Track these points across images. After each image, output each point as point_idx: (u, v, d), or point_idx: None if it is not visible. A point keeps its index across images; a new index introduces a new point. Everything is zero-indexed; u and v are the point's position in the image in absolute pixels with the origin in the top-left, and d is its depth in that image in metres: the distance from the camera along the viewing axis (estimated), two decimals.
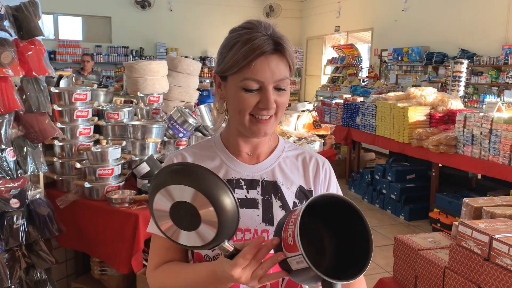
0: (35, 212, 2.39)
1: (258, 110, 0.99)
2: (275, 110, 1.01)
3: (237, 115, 1.02)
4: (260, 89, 0.99)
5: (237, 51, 0.98)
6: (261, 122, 1.00)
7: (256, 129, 1.01)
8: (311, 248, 0.82)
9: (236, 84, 1.00)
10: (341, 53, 11.58)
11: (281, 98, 1.01)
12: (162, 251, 1.07)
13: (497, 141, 4.03)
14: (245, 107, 0.99)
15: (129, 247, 2.42)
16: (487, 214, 1.85)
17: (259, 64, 0.97)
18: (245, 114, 1.00)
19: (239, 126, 1.04)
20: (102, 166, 2.57)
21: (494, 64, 7.05)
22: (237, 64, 0.98)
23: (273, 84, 0.99)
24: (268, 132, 1.03)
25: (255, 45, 0.96)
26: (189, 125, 3.04)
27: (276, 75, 0.98)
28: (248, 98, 0.99)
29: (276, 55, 0.99)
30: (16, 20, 2.19)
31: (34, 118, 2.33)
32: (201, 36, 12.23)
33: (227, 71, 1.01)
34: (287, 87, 1.02)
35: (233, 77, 1.00)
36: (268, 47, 0.97)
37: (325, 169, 1.15)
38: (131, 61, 3.49)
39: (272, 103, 0.98)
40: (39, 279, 2.43)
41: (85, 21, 11.45)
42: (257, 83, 0.98)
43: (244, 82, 0.98)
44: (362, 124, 6.09)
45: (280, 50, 0.99)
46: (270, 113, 1.00)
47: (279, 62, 0.99)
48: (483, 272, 1.59)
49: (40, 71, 2.30)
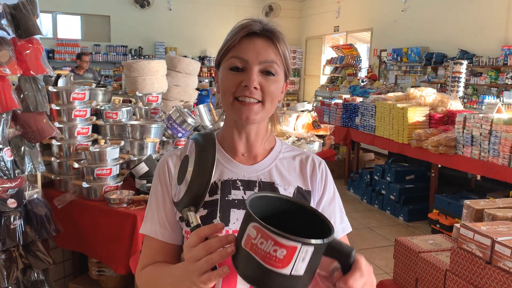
0: (33, 212, 2.37)
1: (241, 90, 0.98)
2: (260, 95, 0.99)
3: (222, 99, 1.02)
4: (245, 69, 0.98)
5: (227, 36, 1.02)
6: (244, 105, 0.98)
7: (239, 113, 0.99)
8: None
9: (225, 66, 1.01)
10: (340, 53, 11.57)
11: (268, 83, 0.99)
12: (152, 253, 1.06)
13: (497, 142, 4.02)
14: (228, 88, 0.99)
15: (127, 248, 2.41)
16: (489, 217, 1.83)
17: (245, 43, 0.98)
18: (228, 96, 0.99)
19: (226, 112, 1.04)
20: (100, 166, 2.55)
21: (493, 65, 7.05)
22: (226, 45, 1.00)
23: (259, 65, 0.98)
24: (251, 118, 0.99)
25: (244, 25, 1.00)
26: (188, 125, 3.03)
27: (262, 56, 0.98)
28: (232, 77, 0.99)
29: (266, 40, 1.00)
30: (13, 19, 2.17)
31: (32, 118, 2.31)
32: (200, 36, 12.21)
33: (218, 56, 1.04)
34: (277, 74, 1.00)
35: (224, 61, 1.02)
36: (256, 27, 0.99)
37: (321, 169, 1.13)
38: (130, 61, 3.47)
39: (253, 82, 0.96)
40: (36, 279, 2.41)
41: (84, 20, 11.42)
42: (241, 62, 0.98)
43: (230, 61, 0.99)
44: (361, 124, 6.08)
45: (270, 36, 1.00)
46: (253, 95, 0.98)
47: (268, 46, 1.00)
48: (484, 275, 1.58)
49: (38, 70, 2.28)
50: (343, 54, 11.37)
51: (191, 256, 0.80)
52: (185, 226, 1.05)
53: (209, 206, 1.04)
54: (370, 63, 10.61)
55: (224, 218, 1.02)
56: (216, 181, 1.06)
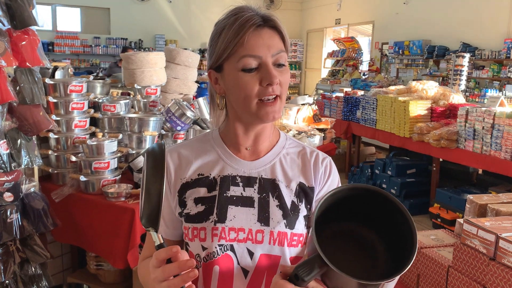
0: (30, 206, 2.34)
1: (263, 90, 0.94)
2: (279, 89, 0.95)
3: (242, 103, 0.96)
4: (260, 67, 0.94)
5: (227, 33, 0.94)
6: (268, 105, 0.95)
7: (264, 113, 0.95)
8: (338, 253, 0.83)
9: (233, 67, 0.95)
10: (342, 46, 11.50)
11: (282, 76, 0.96)
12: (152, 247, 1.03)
13: (499, 136, 3.99)
14: (248, 91, 0.94)
15: (125, 242, 2.38)
16: (492, 212, 1.80)
17: (252, 38, 0.93)
18: (251, 100, 0.94)
19: (245, 115, 0.98)
20: (98, 160, 2.52)
21: (495, 58, 7.00)
22: (230, 45, 0.94)
23: (272, 59, 0.95)
24: (277, 116, 0.97)
25: (244, 20, 0.94)
26: (187, 118, 2.99)
27: (273, 48, 0.94)
28: (249, 79, 0.94)
29: (268, 28, 0.96)
30: (9, 9, 2.13)
31: (28, 110, 2.28)
32: (200, 28, 12.13)
33: (220, 57, 0.97)
34: (286, 63, 0.98)
35: (229, 62, 0.96)
36: (257, 19, 0.94)
37: (325, 165, 1.09)
38: (128, 53, 3.42)
39: (275, 77, 0.93)
40: (34, 274, 2.38)
41: (83, 12, 11.34)
42: (255, 60, 0.93)
43: (242, 61, 0.93)
44: (362, 118, 6.04)
45: (270, 23, 0.96)
46: (275, 91, 0.94)
47: (272, 35, 0.96)
48: (488, 272, 1.55)
49: (34, 61, 2.25)
50: (345, 47, 11.30)
51: (154, 277, 0.82)
52: (185, 222, 1.02)
53: (207, 202, 1.01)
54: (372, 56, 10.55)
55: (221, 214, 0.99)
56: (216, 176, 1.03)
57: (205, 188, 1.02)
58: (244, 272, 0.99)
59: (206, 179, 1.03)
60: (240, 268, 0.99)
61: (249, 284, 1.00)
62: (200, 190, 1.02)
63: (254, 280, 1.00)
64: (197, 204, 1.01)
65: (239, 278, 0.99)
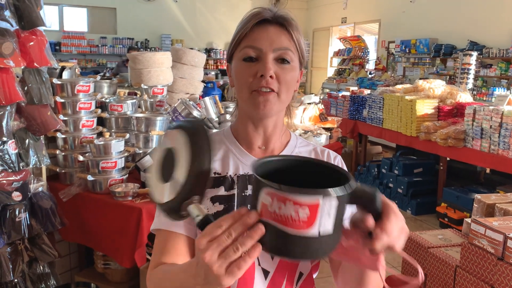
0: (38, 205, 2.36)
1: (257, 81, 0.94)
2: (276, 84, 0.94)
3: (239, 92, 0.98)
4: (259, 59, 0.95)
5: (238, 26, 0.98)
6: (261, 94, 0.94)
7: (256, 103, 0.95)
8: None
9: (238, 57, 0.98)
10: (348, 45, 11.47)
11: (284, 72, 0.95)
12: (163, 250, 1.01)
13: (507, 134, 3.96)
14: (244, 80, 0.95)
15: (133, 241, 2.39)
16: (500, 211, 1.79)
17: (257, 31, 0.96)
18: (245, 89, 0.95)
19: (243, 105, 1.00)
20: (105, 159, 2.53)
21: (503, 57, 6.94)
22: (237, 35, 0.97)
23: (273, 53, 0.94)
24: (268, 108, 0.95)
25: (255, 13, 0.97)
26: (193, 117, 3.00)
27: (276, 44, 0.95)
28: (246, 68, 0.95)
29: (276, 25, 0.97)
30: (17, 10, 2.14)
31: (36, 110, 2.30)
32: (206, 28, 12.15)
33: (231, 49, 1.00)
34: (292, 62, 0.96)
35: (236, 53, 0.99)
36: (267, 14, 0.96)
37: (336, 162, 1.08)
38: (135, 52, 3.44)
39: (269, 70, 0.92)
40: (42, 272, 2.41)
41: (90, 12, 11.40)
42: (254, 51, 0.94)
43: (243, 51, 0.96)
44: (369, 117, 6.02)
45: (283, 23, 0.97)
46: (269, 84, 0.93)
47: (281, 33, 0.96)
48: (496, 272, 1.54)
49: (42, 62, 2.26)
50: (351, 46, 11.27)
51: (213, 246, 0.66)
52: None
53: (226, 201, 1.00)
54: (378, 55, 10.50)
55: None
56: (233, 175, 1.03)
57: (222, 187, 1.01)
58: (265, 273, 0.99)
59: (223, 178, 1.02)
60: (260, 269, 0.98)
61: (269, 285, 0.99)
62: (217, 189, 1.01)
63: (274, 281, 0.99)
64: (214, 203, 1.00)
65: (259, 279, 0.98)
